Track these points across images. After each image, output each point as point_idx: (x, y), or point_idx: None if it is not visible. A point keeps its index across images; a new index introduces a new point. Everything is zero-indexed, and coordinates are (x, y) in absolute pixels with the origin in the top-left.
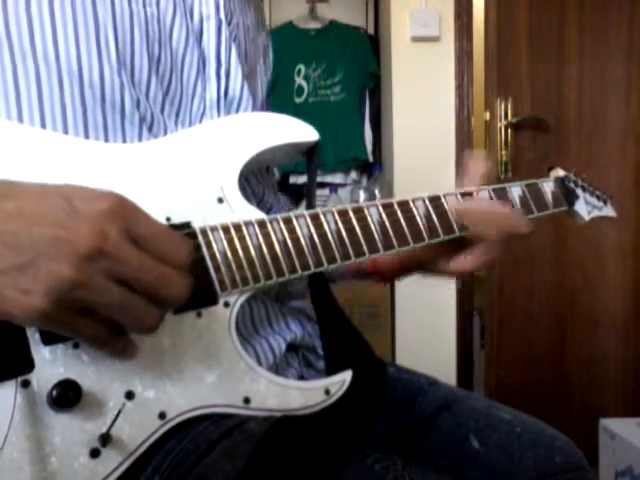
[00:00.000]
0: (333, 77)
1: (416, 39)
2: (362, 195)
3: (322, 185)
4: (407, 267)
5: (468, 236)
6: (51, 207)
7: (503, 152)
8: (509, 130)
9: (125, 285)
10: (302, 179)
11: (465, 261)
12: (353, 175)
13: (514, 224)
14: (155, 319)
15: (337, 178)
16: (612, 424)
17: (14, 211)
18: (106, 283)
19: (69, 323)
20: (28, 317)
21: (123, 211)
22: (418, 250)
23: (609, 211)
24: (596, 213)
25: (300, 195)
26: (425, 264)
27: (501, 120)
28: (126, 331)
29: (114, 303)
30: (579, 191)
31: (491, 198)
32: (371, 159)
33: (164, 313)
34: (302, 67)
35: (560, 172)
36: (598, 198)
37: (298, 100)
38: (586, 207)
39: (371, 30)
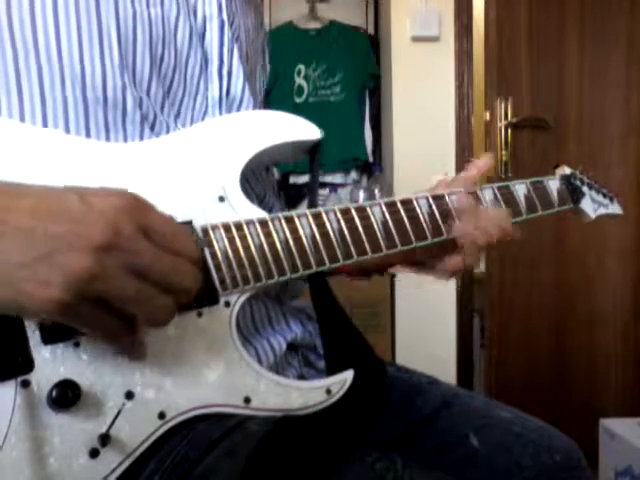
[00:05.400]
0: (333, 77)
1: (416, 39)
2: (362, 195)
3: (322, 185)
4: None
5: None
6: (66, 204)
7: (503, 152)
8: (509, 130)
9: (140, 277)
10: (302, 179)
11: (452, 264)
12: (353, 175)
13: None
14: (169, 311)
15: (337, 178)
16: (612, 424)
17: (29, 208)
18: (122, 275)
19: (85, 316)
20: (46, 309)
21: (137, 207)
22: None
23: (615, 209)
24: (602, 211)
25: (300, 195)
26: (408, 261)
27: (501, 120)
28: (136, 328)
29: (130, 294)
30: (585, 189)
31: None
32: (371, 159)
33: (177, 305)
34: (302, 67)
35: (566, 170)
36: (604, 196)
37: (298, 100)
38: (592, 205)
39: (371, 30)
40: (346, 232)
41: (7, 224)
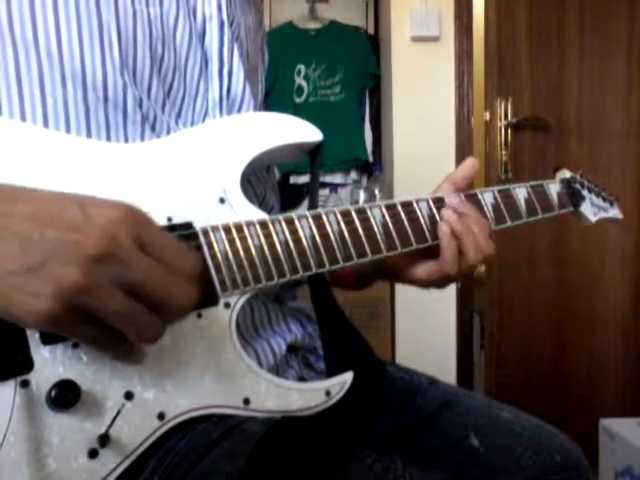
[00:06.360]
0: (333, 77)
1: (416, 39)
2: (362, 195)
3: (322, 185)
4: (362, 272)
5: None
6: (65, 212)
7: (503, 152)
8: (509, 130)
9: (132, 293)
10: (302, 179)
11: (425, 269)
12: (353, 175)
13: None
14: (156, 332)
15: (337, 178)
16: (612, 424)
17: (29, 214)
18: (112, 290)
19: (74, 327)
20: (35, 320)
21: (134, 220)
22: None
23: (616, 212)
24: (602, 215)
25: (300, 196)
26: (387, 268)
27: (501, 120)
28: (126, 340)
29: (118, 311)
30: (585, 192)
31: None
32: (371, 159)
33: (167, 325)
34: (302, 67)
35: (566, 173)
36: (604, 199)
37: (298, 100)
38: (592, 209)
39: (371, 30)
40: (346, 234)
41: (7, 229)
